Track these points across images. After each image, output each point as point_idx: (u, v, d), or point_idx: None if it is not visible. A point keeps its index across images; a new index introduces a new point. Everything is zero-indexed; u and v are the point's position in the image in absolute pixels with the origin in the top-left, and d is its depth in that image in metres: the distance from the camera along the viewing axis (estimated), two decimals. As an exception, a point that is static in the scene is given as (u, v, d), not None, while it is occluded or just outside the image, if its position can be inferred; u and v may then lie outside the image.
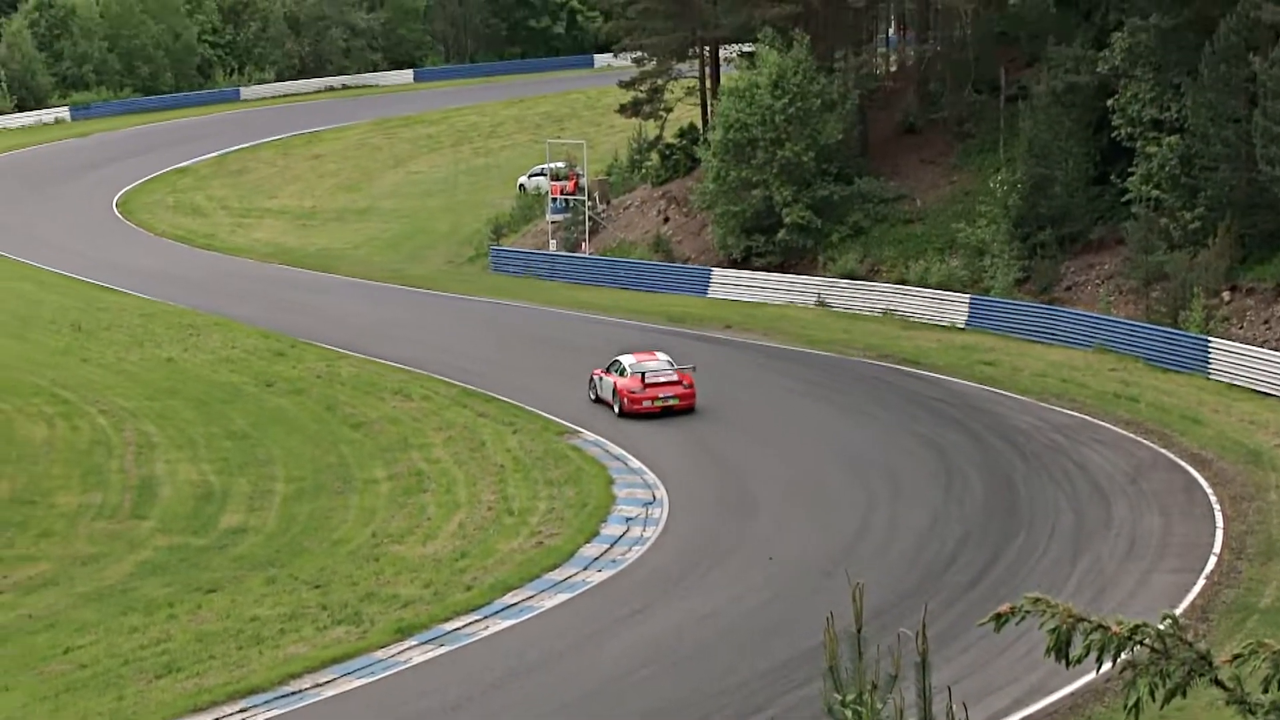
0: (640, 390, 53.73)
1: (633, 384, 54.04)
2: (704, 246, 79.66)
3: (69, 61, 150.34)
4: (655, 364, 54.98)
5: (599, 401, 55.80)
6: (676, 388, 54.14)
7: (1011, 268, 67.16)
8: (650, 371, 54.35)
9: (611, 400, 54.77)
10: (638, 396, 53.73)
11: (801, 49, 75.30)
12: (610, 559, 40.71)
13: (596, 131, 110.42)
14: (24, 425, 53.70)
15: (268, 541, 42.89)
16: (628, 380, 54.28)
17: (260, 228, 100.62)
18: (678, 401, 53.93)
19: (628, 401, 53.88)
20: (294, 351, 64.63)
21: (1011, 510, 43.28)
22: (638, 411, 53.60)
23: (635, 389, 53.84)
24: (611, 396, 54.76)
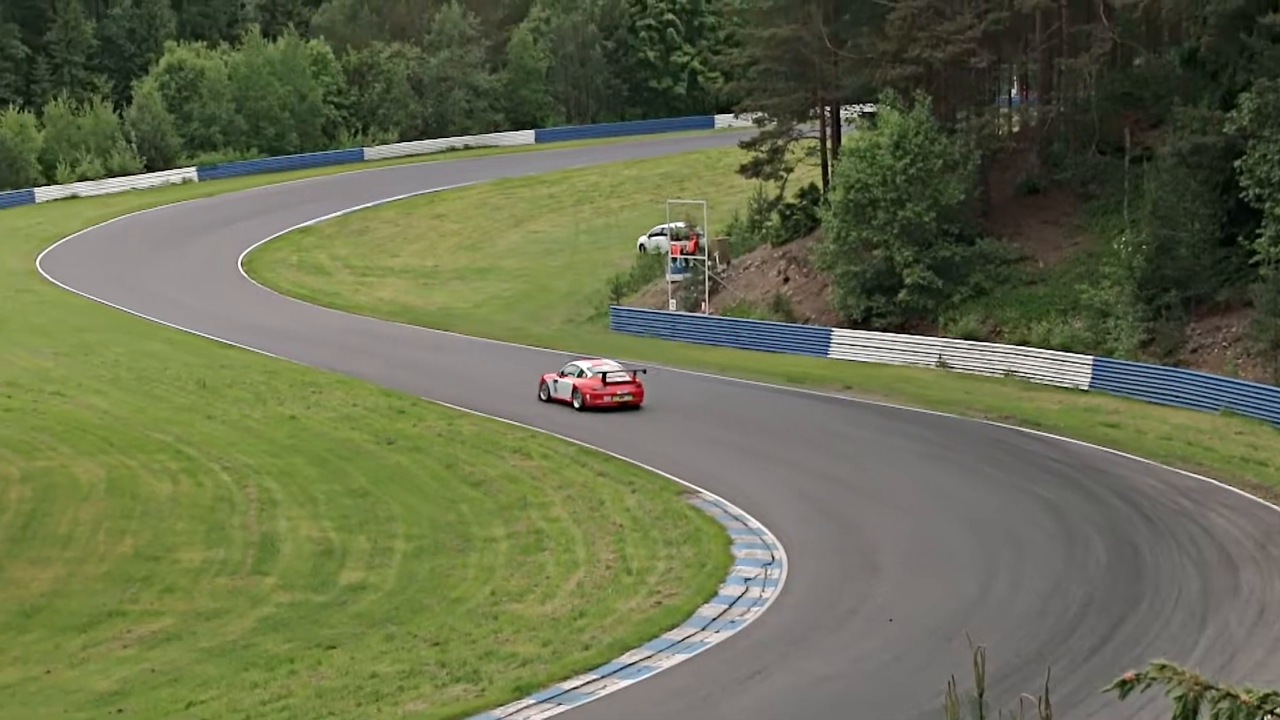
0: (601, 388, 63.63)
1: (594, 383, 63.80)
2: (824, 307, 79.49)
3: (197, 123, 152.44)
4: (612, 367, 64.95)
5: (551, 401, 65.01)
6: (630, 386, 63.93)
7: (1136, 329, 66.55)
8: (610, 372, 64.21)
9: (571, 398, 64.09)
10: (599, 393, 63.59)
11: (923, 109, 75.15)
12: (729, 619, 40.50)
13: (717, 191, 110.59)
14: (149, 481, 54.24)
15: (387, 599, 43.01)
16: (589, 380, 63.88)
17: (382, 286, 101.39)
18: (631, 397, 63.80)
19: (589, 397, 63.51)
20: (414, 409, 64.95)
21: (1136, 574, 42.73)
22: (599, 405, 63.20)
23: (596, 387, 63.67)
24: (571, 395, 64.14)
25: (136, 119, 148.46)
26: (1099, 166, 76.46)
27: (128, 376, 72.21)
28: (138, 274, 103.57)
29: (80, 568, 45.57)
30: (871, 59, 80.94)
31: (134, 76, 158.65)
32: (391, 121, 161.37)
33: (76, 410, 64.98)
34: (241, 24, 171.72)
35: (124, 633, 40.68)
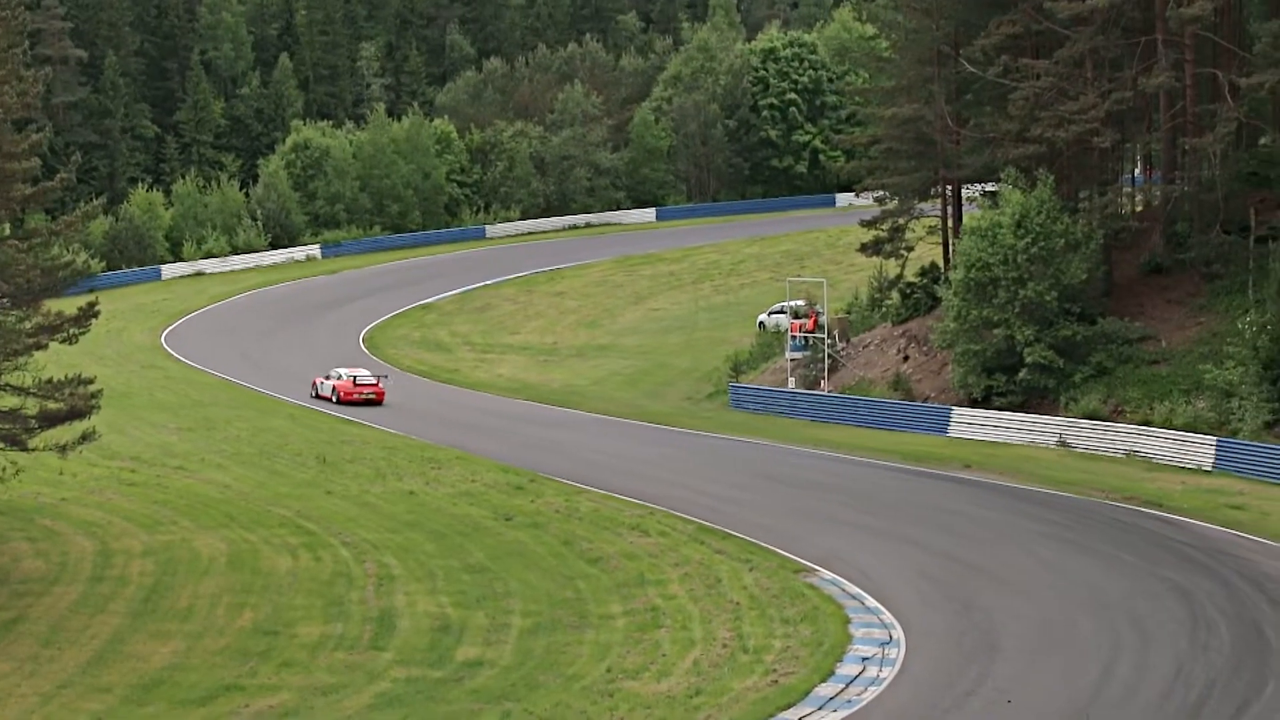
0: (352, 388, 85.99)
1: (347, 384, 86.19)
2: (943, 385, 79.14)
3: (321, 200, 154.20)
4: (363, 373, 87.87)
5: (319, 398, 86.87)
6: (373, 388, 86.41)
7: (1261, 410, 65.80)
8: (360, 377, 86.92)
9: (330, 395, 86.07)
10: (349, 391, 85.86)
11: (1045, 188, 74.84)
12: (846, 699, 40.21)
13: (837, 270, 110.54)
14: (269, 556, 54.60)
15: (504, 675, 43.00)
16: (344, 381, 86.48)
17: (502, 363, 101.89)
18: (374, 396, 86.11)
19: (342, 394, 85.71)
20: (533, 486, 65.11)
21: (1261, 659, 42.07)
22: (350, 400, 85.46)
23: (348, 387, 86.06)
24: (331, 393, 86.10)
25: (262, 197, 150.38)
26: (1224, 246, 75.81)
27: (249, 451, 72.86)
28: (261, 350, 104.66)
29: (199, 642, 45.89)
30: (994, 138, 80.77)
31: (260, 155, 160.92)
32: (514, 200, 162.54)
33: (198, 485, 65.59)
34: (367, 103, 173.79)
35: (242, 707, 40.88)
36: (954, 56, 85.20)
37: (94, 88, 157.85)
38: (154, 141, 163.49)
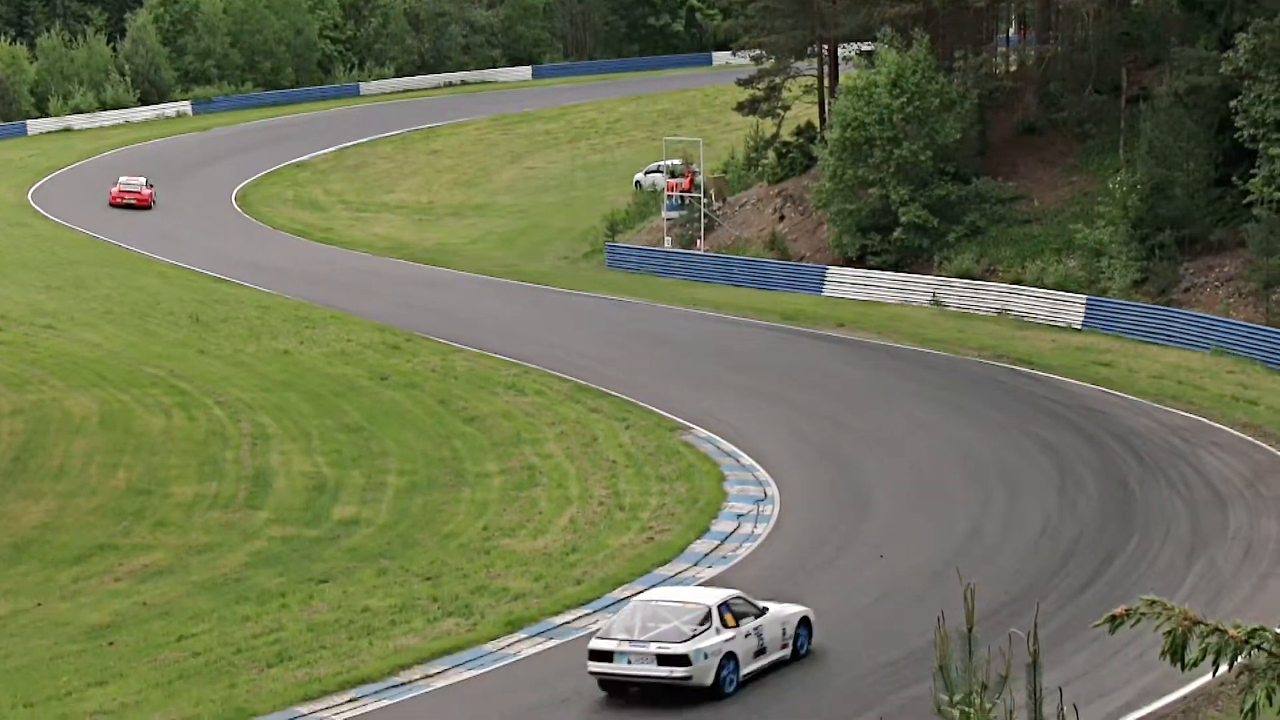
0: (119, 193, 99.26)
1: (116, 190, 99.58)
2: (819, 245, 79.44)
3: (192, 56, 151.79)
4: (132, 180, 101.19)
5: None
6: (135, 195, 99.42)
7: (1129, 269, 66.55)
8: (127, 184, 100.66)
9: None
10: (115, 196, 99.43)
11: (921, 48, 74.95)
12: (720, 555, 40.61)
13: (713, 129, 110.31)
14: (142, 416, 54.24)
15: (380, 534, 43.10)
16: (115, 188, 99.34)
17: (378, 222, 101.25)
18: (136, 201, 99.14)
19: (112, 198, 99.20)
20: (409, 346, 64.94)
21: (1126, 513, 42.83)
22: (117, 204, 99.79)
23: (116, 192, 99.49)
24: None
25: (130, 52, 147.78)
26: (1096, 106, 76.29)
27: (121, 311, 72.14)
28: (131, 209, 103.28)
29: (72, 501, 45.64)
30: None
31: (128, 9, 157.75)
32: (388, 57, 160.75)
33: (69, 344, 64.94)
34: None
35: (116, 566, 40.76)
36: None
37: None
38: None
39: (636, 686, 31.21)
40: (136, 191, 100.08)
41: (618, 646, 30.77)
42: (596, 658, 31.00)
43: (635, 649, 30.65)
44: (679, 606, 31.91)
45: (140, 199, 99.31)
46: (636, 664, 30.67)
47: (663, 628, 31.07)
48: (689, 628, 31.04)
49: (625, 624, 31.39)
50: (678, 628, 31.03)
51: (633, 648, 30.66)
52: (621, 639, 30.90)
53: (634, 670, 30.79)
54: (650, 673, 30.68)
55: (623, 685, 31.32)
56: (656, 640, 30.75)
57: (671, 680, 30.68)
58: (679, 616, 31.41)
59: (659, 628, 31.12)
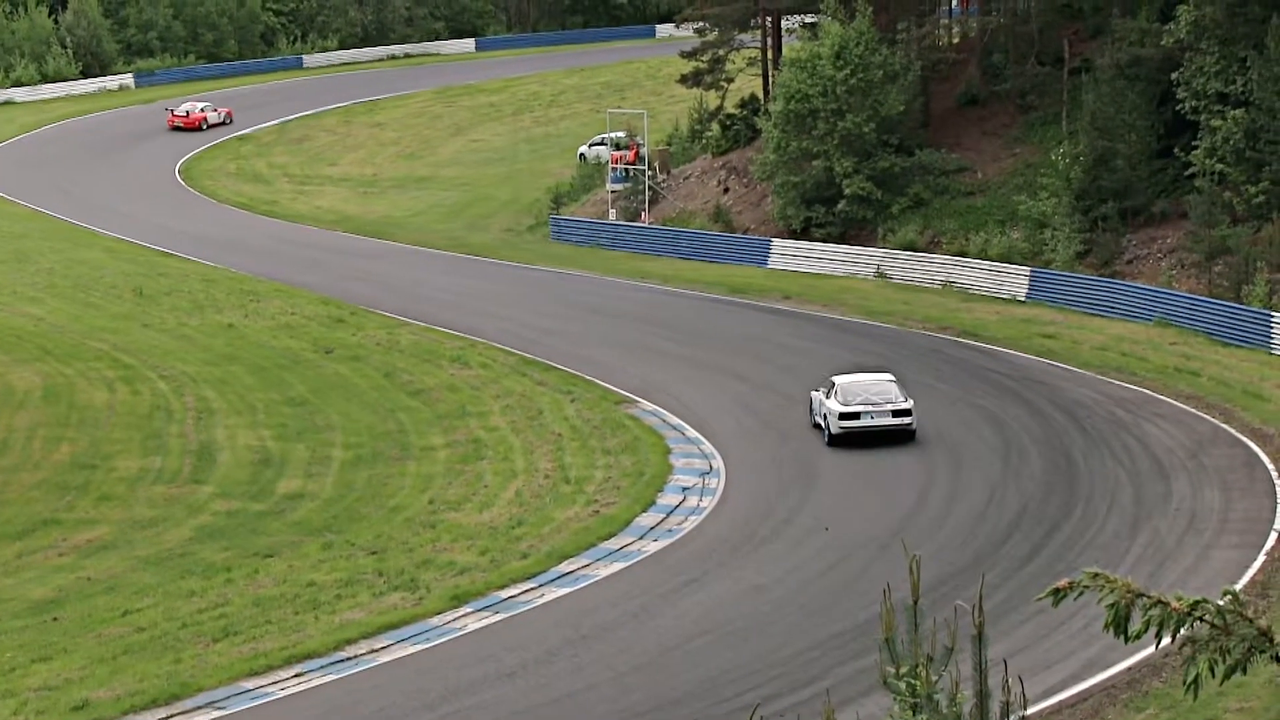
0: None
1: None
2: (764, 217, 79.51)
3: (134, 28, 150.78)
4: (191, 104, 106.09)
5: None
6: (186, 119, 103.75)
7: (1073, 241, 66.82)
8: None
9: None
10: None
11: (864, 20, 75.00)
12: (666, 529, 40.71)
13: (657, 101, 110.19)
14: (85, 389, 53.99)
15: (325, 507, 43.05)
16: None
17: (321, 195, 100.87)
18: (184, 125, 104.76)
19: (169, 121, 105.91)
20: (354, 319, 64.80)
21: (1070, 484, 43.07)
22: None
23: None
24: None
25: (72, 24, 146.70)
26: (1038, 78, 76.51)
27: (64, 284, 71.76)
28: (74, 181, 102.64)
29: (15, 476, 45.43)
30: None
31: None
32: (331, 29, 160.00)
33: (12, 318, 64.56)
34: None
35: (60, 541, 40.62)
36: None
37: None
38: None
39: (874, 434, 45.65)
40: (185, 115, 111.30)
41: (863, 408, 45.64)
42: (846, 418, 45.54)
43: (876, 409, 45.81)
44: (884, 383, 47.02)
45: (188, 121, 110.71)
46: (879, 419, 45.80)
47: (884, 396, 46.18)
48: (901, 394, 46.46)
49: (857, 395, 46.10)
50: (895, 394, 46.38)
51: (875, 409, 45.77)
52: (862, 406, 45.73)
53: (877, 423, 45.76)
54: (889, 423, 45.90)
55: (869, 435, 45.66)
56: (890, 403, 46.08)
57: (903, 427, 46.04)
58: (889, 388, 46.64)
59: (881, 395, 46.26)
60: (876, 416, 46.02)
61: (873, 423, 45.88)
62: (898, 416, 46.06)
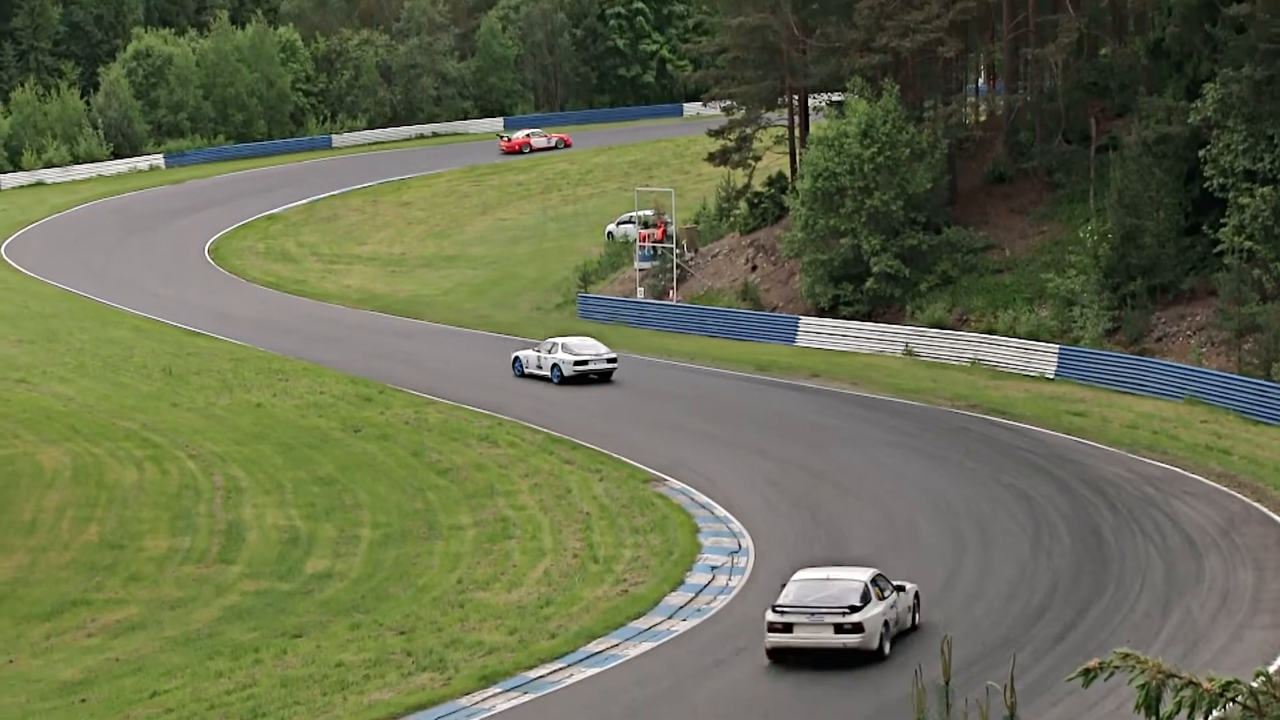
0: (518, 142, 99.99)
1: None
2: (791, 295, 79.55)
3: (164, 109, 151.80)
4: None
5: None
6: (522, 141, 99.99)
7: (1101, 318, 66.72)
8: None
9: None
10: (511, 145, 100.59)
11: (890, 98, 75.22)
12: (695, 608, 40.54)
13: (685, 180, 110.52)
14: (115, 469, 54.07)
15: (353, 587, 42.96)
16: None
17: (350, 274, 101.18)
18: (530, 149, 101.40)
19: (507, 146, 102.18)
20: (382, 397, 64.86)
21: (1101, 562, 42.84)
22: None
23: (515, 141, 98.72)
24: None
25: (103, 105, 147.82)
26: (1065, 155, 76.63)
27: (93, 364, 71.97)
28: (104, 261, 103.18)
29: (44, 556, 45.44)
30: (840, 48, 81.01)
31: (101, 63, 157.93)
32: (360, 109, 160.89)
33: (41, 398, 64.74)
34: (210, 10, 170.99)
35: (88, 621, 40.57)
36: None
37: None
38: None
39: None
40: (509, 140, 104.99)
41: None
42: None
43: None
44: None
45: (510, 146, 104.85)
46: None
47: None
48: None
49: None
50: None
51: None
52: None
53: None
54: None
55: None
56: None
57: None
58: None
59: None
60: None
61: None
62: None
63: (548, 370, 67.07)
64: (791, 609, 35.96)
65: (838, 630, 35.70)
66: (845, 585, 36.55)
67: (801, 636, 35.80)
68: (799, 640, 35.85)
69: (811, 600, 36.12)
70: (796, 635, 35.81)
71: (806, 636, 35.77)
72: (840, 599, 35.99)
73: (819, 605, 35.91)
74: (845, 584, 36.65)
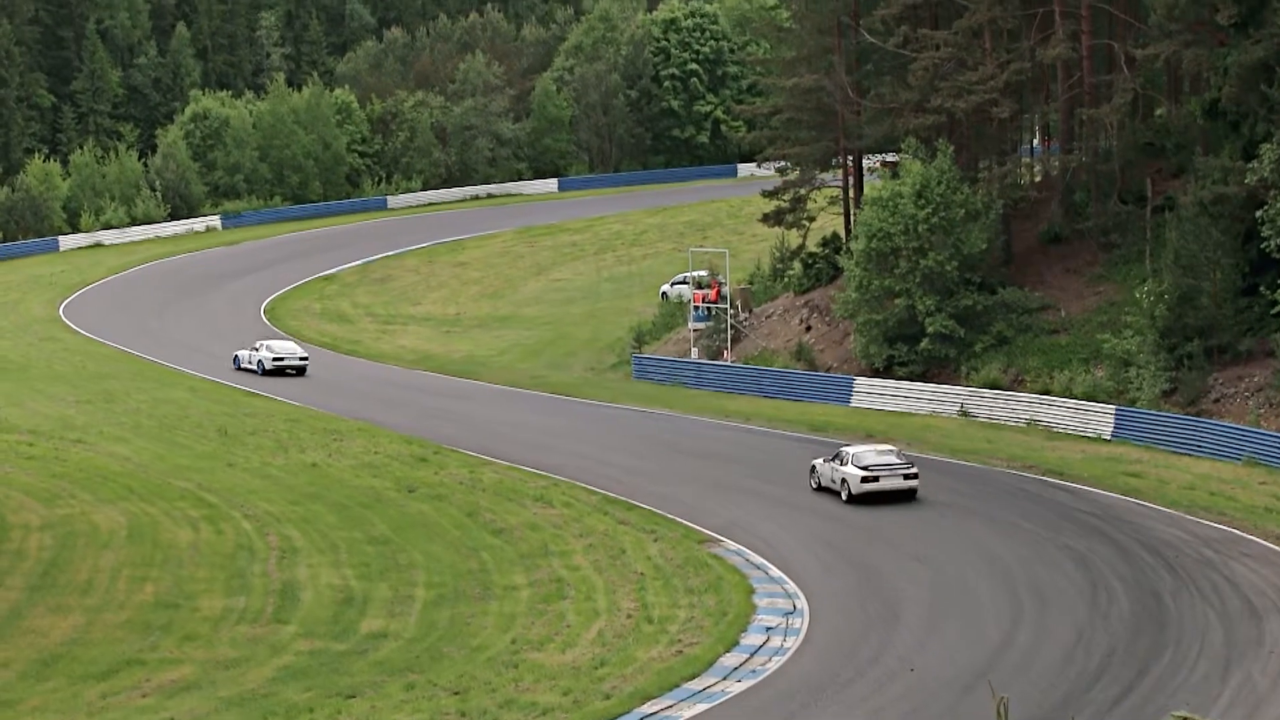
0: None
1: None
2: (846, 355, 79.47)
3: (221, 171, 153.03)
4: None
5: None
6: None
7: (1158, 379, 66.40)
8: None
9: None
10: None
11: (945, 159, 75.22)
12: (750, 669, 40.37)
13: (739, 240, 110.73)
14: (170, 529, 54.23)
15: (408, 647, 42.92)
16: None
17: (404, 334, 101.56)
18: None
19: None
20: (436, 457, 64.96)
21: (1159, 625, 42.53)
22: None
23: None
24: None
25: (161, 167, 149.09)
26: (1121, 216, 76.42)
27: (149, 424, 72.29)
28: (160, 322, 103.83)
29: (100, 615, 45.54)
30: (894, 108, 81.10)
31: (159, 125, 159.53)
32: (415, 170, 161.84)
33: (98, 458, 65.03)
34: (266, 73, 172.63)
35: (143, 681, 40.61)
36: (854, 27, 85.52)
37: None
38: (50, 111, 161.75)
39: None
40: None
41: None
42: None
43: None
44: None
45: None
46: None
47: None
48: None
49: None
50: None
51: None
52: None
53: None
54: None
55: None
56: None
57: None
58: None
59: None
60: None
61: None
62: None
63: (254, 365, 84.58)
64: (876, 467, 55.81)
65: (906, 478, 56.03)
66: (895, 454, 57.41)
67: (885, 484, 55.69)
68: (882, 486, 55.64)
69: (883, 463, 56.20)
70: (882, 484, 55.63)
71: (889, 484, 55.73)
72: (901, 463, 56.52)
73: (891, 465, 56.23)
74: (894, 453, 57.59)
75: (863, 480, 55.80)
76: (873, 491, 55.75)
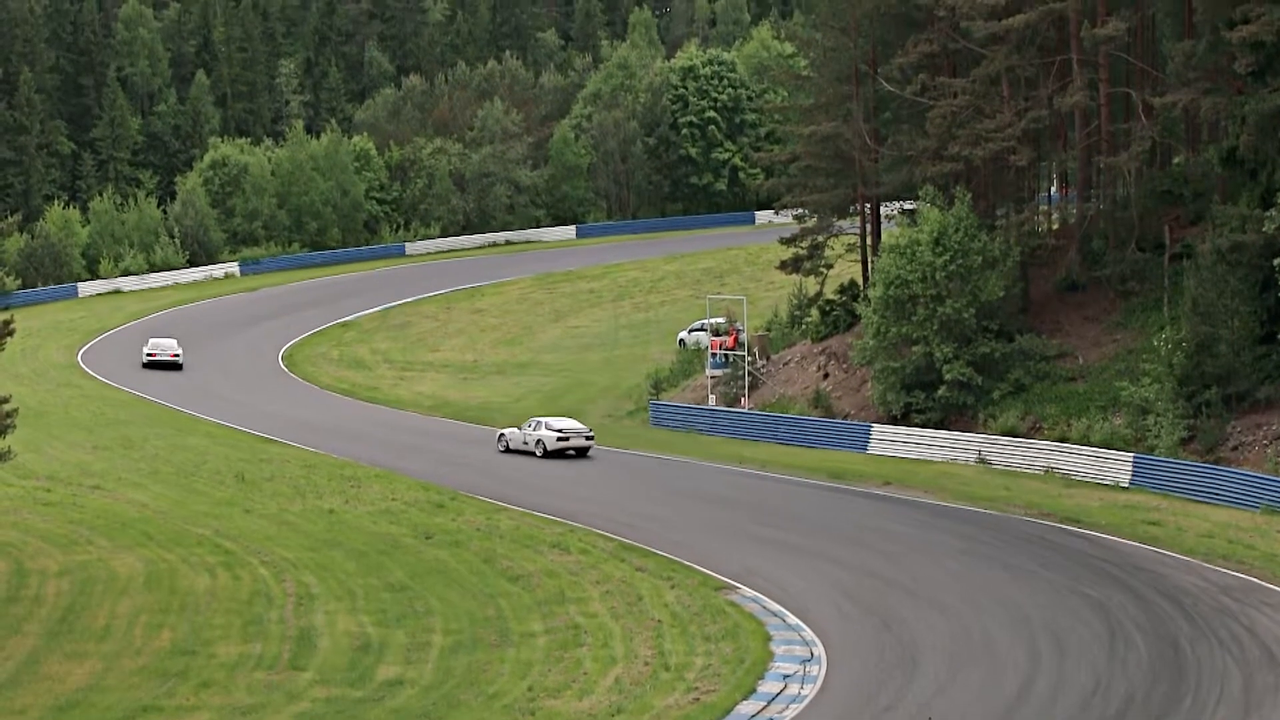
0: None
1: None
2: (863, 402, 79.45)
3: (240, 218, 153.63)
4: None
5: None
6: None
7: (1176, 427, 66.32)
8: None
9: None
10: None
11: (963, 206, 75.31)
12: (767, 716, 40.27)
13: (757, 287, 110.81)
14: (187, 575, 54.25)
15: (424, 694, 42.86)
16: None
17: (422, 381, 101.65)
18: None
19: None
20: (454, 504, 64.96)
21: (1177, 672, 42.40)
22: None
23: None
24: None
25: (180, 214, 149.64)
26: (1139, 264, 76.41)
27: (167, 470, 72.39)
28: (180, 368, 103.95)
29: (117, 662, 45.55)
30: (912, 156, 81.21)
31: (178, 172, 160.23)
32: (433, 217, 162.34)
33: (115, 504, 65.12)
34: (285, 120, 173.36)
35: (160, 727, 40.56)
36: (872, 75, 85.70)
37: (9, 104, 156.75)
38: (70, 158, 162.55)
39: None
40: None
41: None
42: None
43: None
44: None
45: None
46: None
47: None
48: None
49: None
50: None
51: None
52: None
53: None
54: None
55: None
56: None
57: None
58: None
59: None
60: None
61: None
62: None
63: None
64: (567, 431, 74.26)
65: (586, 439, 74.14)
66: (578, 424, 75.33)
67: (574, 443, 73.71)
68: (572, 444, 73.84)
69: (571, 428, 74.45)
70: (571, 442, 73.71)
71: (576, 443, 73.76)
72: (584, 429, 74.70)
73: (577, 429, 74.38)
74: (577, 423, 75.63)
75: (558, 439, 74.70)
76: (563, 449, 74.58)
